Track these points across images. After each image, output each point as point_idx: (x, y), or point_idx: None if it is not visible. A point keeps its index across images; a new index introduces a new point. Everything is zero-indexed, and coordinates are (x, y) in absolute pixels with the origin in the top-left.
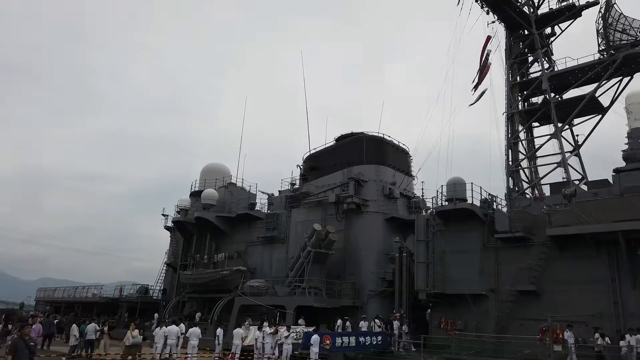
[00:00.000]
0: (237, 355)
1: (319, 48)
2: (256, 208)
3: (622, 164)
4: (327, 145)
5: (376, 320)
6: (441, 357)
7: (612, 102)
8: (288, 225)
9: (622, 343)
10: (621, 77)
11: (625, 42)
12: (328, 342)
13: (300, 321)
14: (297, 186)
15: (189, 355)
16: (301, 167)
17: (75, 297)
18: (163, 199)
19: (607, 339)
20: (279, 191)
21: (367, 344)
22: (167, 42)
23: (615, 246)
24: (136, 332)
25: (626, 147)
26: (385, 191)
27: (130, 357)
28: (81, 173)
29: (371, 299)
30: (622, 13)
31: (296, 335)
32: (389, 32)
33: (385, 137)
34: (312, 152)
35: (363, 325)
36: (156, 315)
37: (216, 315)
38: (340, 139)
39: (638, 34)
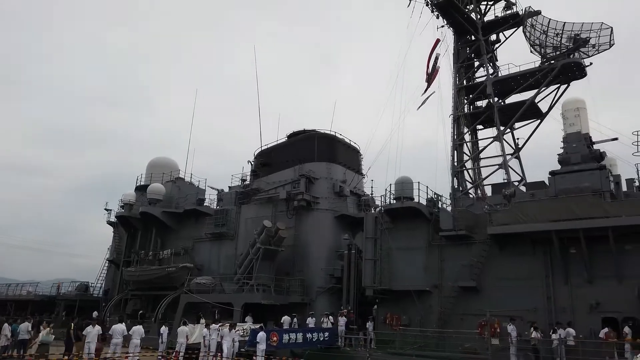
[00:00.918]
0: (182, 354)
1: (272, 44)
2: (205, 204)
3: (558, 167)
4: (278, 142)
5: (330, 317)
6: (385, 352)
7: (550, 108)
8: (237, 221)
9: (553, 336)
10: (559, 85)
11: (561, 50)
12: (275, 338)
13: (248, 318)
14: (247, 182)
15: (130, 355)
16: (252, 163)
17: (8, 294)
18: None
19: (540, 332)
20: (229, 187)
21: (314, 340)
22: (121, 32)
23: (549, 245)
24: (46, 330)
25: (561, 151)
26: (336, 189)
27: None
28: (13, 164)
29: (319, 295)
30: (550, 20)
31: (242, 332)
32: (342, 31)
33: (337, 135)
34: (263, 148)
35: (310, 321)
36: (95, 313)
37: (160, 313)
38: (292, 136)
39: (567, 41)
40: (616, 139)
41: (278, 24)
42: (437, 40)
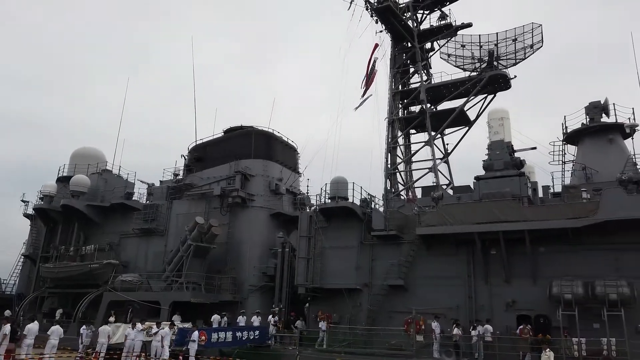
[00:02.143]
0: (102, 355)
1: (211, 37)
2: (134, 198)
3: (483, 172)
4: (214, 137)
5: (275, 317)
6: (315, 350)
7: (478, 117)
8: (168, 217)
9: (473, 333)
10: (486, 95)
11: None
12: (203, 337)
13: (175, 317)
14: (180, 177)
15: (46, 355)
16: (186, 157)
17: None
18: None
19: (461, 328)
20: (161, 181)
21: (244, 338)
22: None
23: (472, 246)
24: None
25: (486, 157)
26: (272, 187)
27: None
28: None
29: (251, 293)
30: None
31: (170, 331)
32: (284, 28)
33: (275, 132)
34: (198, 142)
35: (241, 320)
36: (7, 312)
37: (81, 312)
38: (228, 132)
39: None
40: (535, 148)
41: (217, 16)
42: (376, 45)
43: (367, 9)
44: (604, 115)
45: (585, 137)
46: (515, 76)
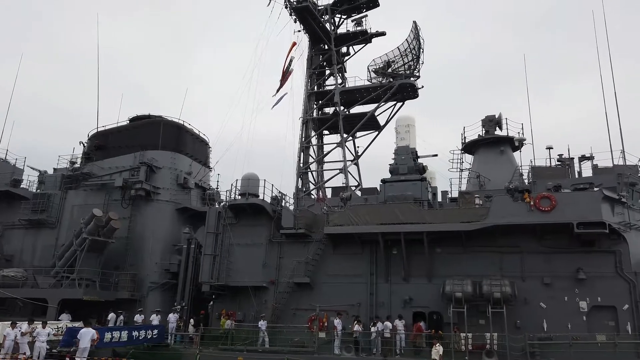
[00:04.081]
0: None
1: (119, 15)
2: (22, 186)
3: (389, 175)
4: (119, 125)
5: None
6: (217, 348)
7: (387, 122)
8: (61, 208)
9: (372, 329)
10: (395, 102)
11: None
12: (95, 337)
13: (64, 316)
14: (77, 165)
15: None
16: (85, 144)
17: None
18: None
19: (361, 325)
20: (55, 169)
21: (140, 338)
22: None
23: (376, 245)
24: None
25: (392, 161)
26: (180, 180)
27: None
28: None
29: (152, 291)
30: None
31: (57, 331)
32: (202, 18)
33: (186, 124)
34: (100, 129)
35: (138, 318)
36: None
37: None
38: (135, 120)
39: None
40: (436, 155)
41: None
42: (294, 44)
43: (286, 7)
44: (497, 128)
45: (480, 148)
46: (422, 86)
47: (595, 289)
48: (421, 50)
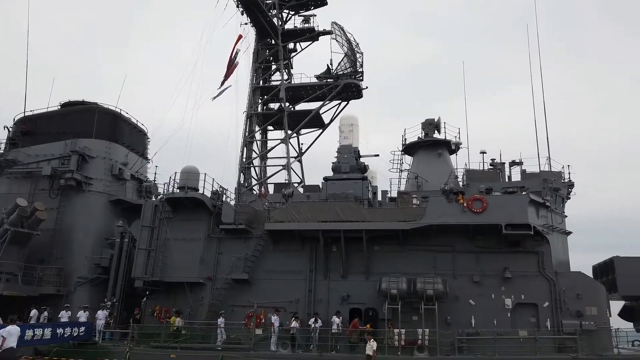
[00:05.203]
0: None
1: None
2: None
3: (332, 173)
4: (49, 110)
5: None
6: (149, 346)
7: (331, 121)
8: None
9: (312, 324)
10: (340, 101)
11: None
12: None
13: None
14: (1, 151)
15: None
16: (10, 129)
17: None
18: None
19: (299, 322)
20: None
21: (66, 335)
22: None
23: (317, 242)
24: None
25: (335, 160)
26: (115, 171)
27: None
28: None
29: (80, 286)
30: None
31: None
32: (144, 5)
33: (123, 113)
34: (28, 114)
35: (64, 315)
36: None
37: None
38: (67, 106)
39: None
40: (378, 155)
41: None
42: (240, 36)
43: None
44: (436, 131)
45: (419, 150)
46: (367, 87)
47: (519, 287)
48: (356, 52)
